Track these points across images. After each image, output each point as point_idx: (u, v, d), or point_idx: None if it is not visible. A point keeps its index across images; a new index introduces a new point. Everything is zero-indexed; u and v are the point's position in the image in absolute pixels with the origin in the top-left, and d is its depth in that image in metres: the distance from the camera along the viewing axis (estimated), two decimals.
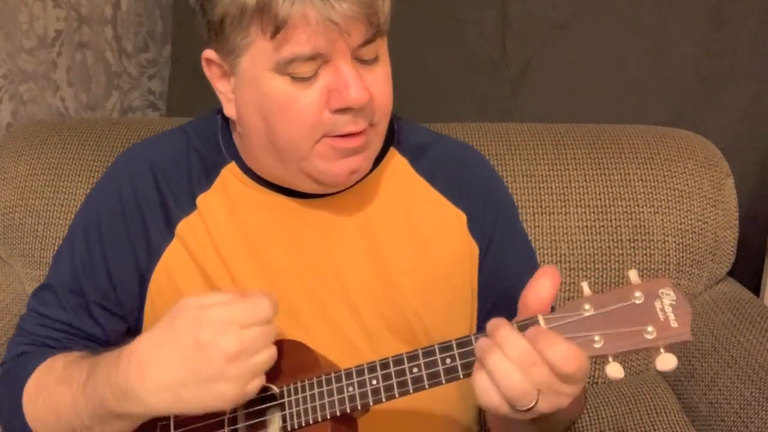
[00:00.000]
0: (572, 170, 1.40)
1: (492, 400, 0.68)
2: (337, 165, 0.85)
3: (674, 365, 0.69)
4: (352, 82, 0.79)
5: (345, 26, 0.77)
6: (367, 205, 0.93)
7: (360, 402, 0.78)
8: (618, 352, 0.71)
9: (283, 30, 0.76)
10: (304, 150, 0.84)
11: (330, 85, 0.80)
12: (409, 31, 1.72)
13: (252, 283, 0.91)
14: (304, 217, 0.92)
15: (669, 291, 0.71)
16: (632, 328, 0.71)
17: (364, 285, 0.92)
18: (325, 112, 0.81)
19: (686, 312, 0.71)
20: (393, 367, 0.77)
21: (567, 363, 0.67)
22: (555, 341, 0.67)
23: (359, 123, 0.82)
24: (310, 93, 0.80)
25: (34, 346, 0.95)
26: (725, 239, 1.40)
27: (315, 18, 0.76)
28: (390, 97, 0.86)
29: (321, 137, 0.83)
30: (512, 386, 0.67)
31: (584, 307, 0.72)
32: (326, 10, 0.75)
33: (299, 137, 0.83)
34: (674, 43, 1.67)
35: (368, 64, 0.82)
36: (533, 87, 1.73)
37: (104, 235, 0.94)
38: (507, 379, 0.67)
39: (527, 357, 0.67)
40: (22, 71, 1.65)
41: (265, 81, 0.81)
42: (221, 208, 0.92)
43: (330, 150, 0.83)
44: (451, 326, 0.93)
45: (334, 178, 0.86)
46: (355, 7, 0.76)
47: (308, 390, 0.81)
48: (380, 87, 0.84)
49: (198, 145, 0.95)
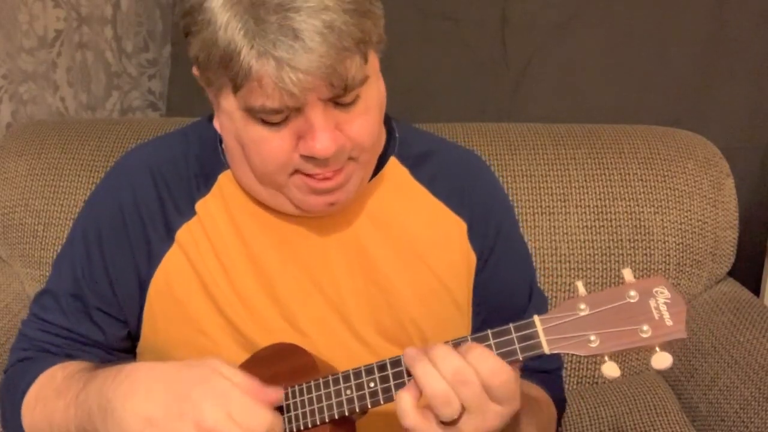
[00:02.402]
0: (572, 170, 1.40)
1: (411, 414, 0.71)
2: (313, 198, 0.84)
3: (669, 363, 0.70)
4: (320, 133, 0.77)
5: (302, 95, 0.74)
6: (361, 216, 0.93)
7: (358, 404, 0.78)
8: (614, 351, 0.72)
9: (245, 85, 0.75)
10: (280, 181, 0.83)
11: (299, 131, 0.79)
12: (409, 31, 1.72)
13: (250, 289, 0.91)
14: (297, 230, 0.92)
15: (663, 289, 0.72)
16: (627, 327, 0.71)
17: (358, 293, 0.92)
18: (294, 154, 0.80)
19: (681, 310, 0.71)
20: (390, 369, 0.77)
21: (495, 376, 0.70)
22: (486, 355, 0.71)
23: (331, 167, 0.81)
24: (281, 136, 0.79)
25: (35, 352, 0.95)
26: (725, 239, 1.40)
27: (272, 84, 0.74)
28: (371, 136, 0.83)
29: (295, 172, 0.82)
30: (435, 392, 0.70)
31: (579, 307, 0.72)
32: (282, 79, 0.73)
33: (273, 172, 0.82)
34: (674, 43, 1.67)
35: (345, 108, 0.79)
36: (533, 87, 1.73)
37: (104, 240, 0.93)
38: (430, 387, 0.70)
39: (459, 372, 0.70)
40: (22, 71, 1.65)
41: (238, 119, 0.80)
42: (220, 213, 0.92)
43: (304, 185, 0.83)
44: (448, 334, 0.92)
45: (312, 207, 0.86)
46: (311, 78, 0.73)
47: (306, 393, 0.81)
48: (359, 129, 0.81)
49: (197, 150, 0.95)
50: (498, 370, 0.71)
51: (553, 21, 1.70)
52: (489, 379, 0.70)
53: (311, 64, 0.73)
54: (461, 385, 0.70)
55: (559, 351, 0.73)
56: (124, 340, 0.97)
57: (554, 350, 0.73)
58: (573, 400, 1.32)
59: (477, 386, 0.70)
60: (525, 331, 0.73)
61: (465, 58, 1.74)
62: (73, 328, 0.95)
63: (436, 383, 0.70)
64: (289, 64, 0.72)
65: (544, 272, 1.37)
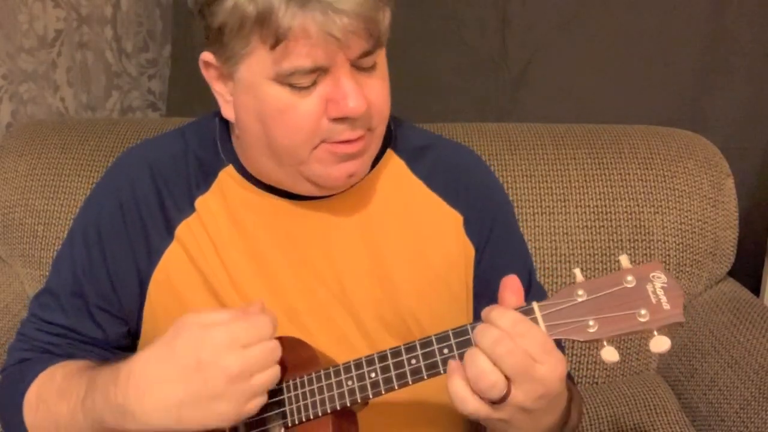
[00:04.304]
0: (572, 170, 1.40)
1: (465, 395, 0.71)
2: (336, 169, 0.85)
3: (668, 347, 0.70)
4: (351, 92, 0.79)
5: (345, 40, 0.77)
6: (364, 207, 0.93)
7: (360, 395, 0.79)
8: (612, 335, 0.72)
9: (283, 42, 0.77)
10: (303, 155, 0.84)
11: (328, 95, 0.80)
12: (409, 31, 1.72)
13: (251, 285, 0.91)
14: (302, 218, 0.92)
15: (660, 274, 0.73)
16: (625, 312, 0.72)
17: (362, 286, 0.92)
18: (323, 119, 0.81)
19: (678, 294, 0.72)
20: (391, 359, 0.78)
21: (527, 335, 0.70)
22: (509, 315, 0.72)
23: (357, 130, 0.83)
24: (309, 101, 0.80)
25: (35, 352, 0.95)
26: (725, 239, 1.40)
27: (315, 32, 0.76)
28: (387, 103, 0.87)
29: (319, 143, 0.83)
30: (480, 373, 0.70)
31: (577, 293, 0.73)
32: (327, 24, 0.75)
33: (297, 143, 0.83)
34: (674, 43, 1.67)
35: (366, 72, 0.82)
36: (533, 87, 1.73)
37: (104, 237, 0.93)
38: (474, 367, 0.70)
39: (514, 326, 0.71)
40: (22, 71, 1.65)
41: (264, 88, 0.81)
42: (220, 210, 0.93)
43: (328, 155, 0.84)
44: (446, 327, 0.93)
45: (332, 181, 0.87)
46: (355, 21, 0.76)
47: (308, 385, 0.82)
48: (378, 94, 0.84)
49: (196, 148, 0.95)
50: (528, 328, 0.71)
51: (553, 21, 1.70)
52: (522, 338, 0.70)
53: (353, 6, 0.76)
54: (502, 353, 0.70)
55: (558, 337, 0.73)
56: (124, 338, 0.97)
57: (553, 336, 0.73)
58: None
59: (518, 351, 0.70)
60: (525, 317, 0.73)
61: (465, 58, 1.74)
62: (74, 327, 0.95)
63: (480, 361, 0.70)
64: (333, 8, 0.75)
65: (544, 272, 1.37)
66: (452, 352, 0.76)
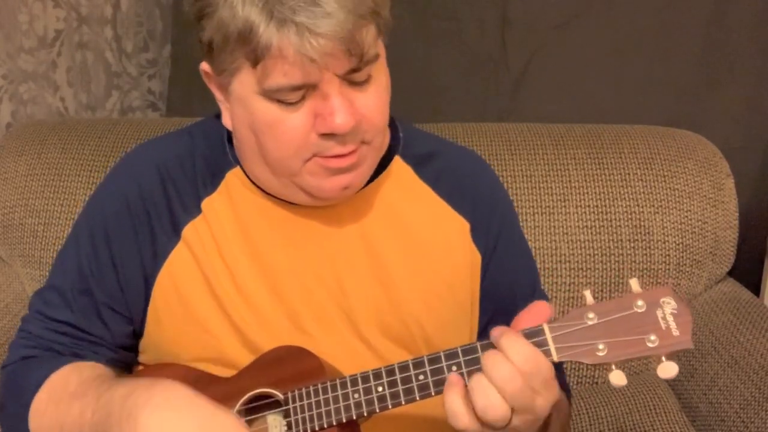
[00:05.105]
0: (572, 170, 1.40)
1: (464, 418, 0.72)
2: (328, 182, 0.85)
3: (675, 373, 0.71)
4: (338, 109, 0.79)
5: (323, 62, 0.76)
6: (369, 213, 0.93)
7: (366, 409, 0.78)
8: (621, 360, 0.73)
9: (263, 61, 0.77)
10: (294, 167, 0.84)
11: (316, 110, 0.80)
12: (409, 31, 1.72)
13: (254, 288, 0.91)
14: (306, 223, 0.92)
15: (670, 300, 0.73)
16: (635, 337, 0.72)
17: (364, 291, 0.92)
18: (311, 134, 0.81)
19: (687, 320, 0.72)
20: (399, 374, 0.77)
21: (529, 362, 0.71)
22: (520, 344, 0.72)
23: (348, 145, 0.82)
24: (297, 117, 0.80)
25: (40, 350, 0.94)
26: (725, 239, 1.40)
27: (292, 53, 0.75)
28: (383, 116, 0.86)
29: (311, 156, 0.83)
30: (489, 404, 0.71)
31: (588, 316, 0.73)
32: (303, 46, 0.74)
33: (288, 156, 0.83)
34: (674, 43, 1.67)
35: (359, 86, 0.81)
36: (533, 87, 1.73)
37: (111, 236, 0.93)
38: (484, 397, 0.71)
39: (526, 363, 0.71)
40: (22, 71, 1.65)
41: (254, 102, 0.81)
42: (226, 212, 0.92)
43: (320, 168, 0.84)
44: (451, 334, 0.93)
45: (326, 193, 0.86)
46: (331, 43, 0.75)
47: (313, 396, 0.81)
48: (371, 108, 0.83)
49: (203, 148, 0.95)
50: (539, 366, 0.72)
51: (554, 21, 1.70)
52: (526, 367, 0.71)
53: (331, 28, 0.74)
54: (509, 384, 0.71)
55: (567, 359, 0.73)
56: (128, 337, 0.96)
57: (563, 358, 0.73)
58: (573, 400, 1.32)
59: (527, 389, 0.71)
60: (534, 339, 0.73)
61: (465, 58, 1.74)
62: (80, 325, 0.94)
63: (492, 395, 0.72)
64: (309, 30, 0.74)
65: (545, 272, 1.37)
66: (461, 369, 0.76)
